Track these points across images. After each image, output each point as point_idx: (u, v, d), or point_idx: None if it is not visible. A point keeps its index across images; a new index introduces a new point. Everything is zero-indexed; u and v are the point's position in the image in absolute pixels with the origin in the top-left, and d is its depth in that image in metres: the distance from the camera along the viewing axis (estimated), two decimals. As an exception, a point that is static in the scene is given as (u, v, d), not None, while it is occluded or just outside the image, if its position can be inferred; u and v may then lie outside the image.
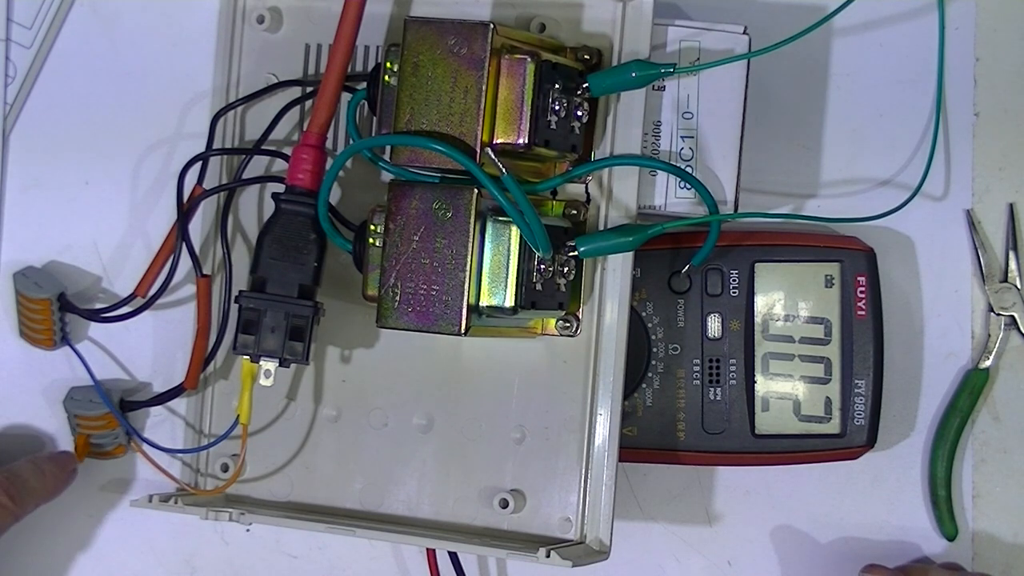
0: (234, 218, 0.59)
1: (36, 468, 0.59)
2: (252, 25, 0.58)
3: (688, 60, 0.55)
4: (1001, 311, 0.58)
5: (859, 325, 0.56)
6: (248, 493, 0.58)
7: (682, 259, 0.57)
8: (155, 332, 0.63)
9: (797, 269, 0.57)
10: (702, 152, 0.55)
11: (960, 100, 0.59)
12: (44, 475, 0.59)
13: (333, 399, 0.57)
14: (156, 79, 0.63)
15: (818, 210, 0.60)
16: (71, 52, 0.64)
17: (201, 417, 0.59)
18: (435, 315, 0.49)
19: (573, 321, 0.54)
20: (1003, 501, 0.59)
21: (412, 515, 0.56)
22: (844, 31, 0.60)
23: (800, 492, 0.59)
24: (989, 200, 0.59)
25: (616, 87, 0.52)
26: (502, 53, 0.50)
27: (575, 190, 0.55)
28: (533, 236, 0.50)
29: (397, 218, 0.50)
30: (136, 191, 0.63)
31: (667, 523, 0.60)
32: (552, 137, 0.51)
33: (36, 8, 0.64)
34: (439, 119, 0.50)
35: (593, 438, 0.54)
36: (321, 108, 0.54)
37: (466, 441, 0.56)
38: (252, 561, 0.63)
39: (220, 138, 0.59)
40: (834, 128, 0.60)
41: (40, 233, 0.64)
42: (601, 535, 0.53)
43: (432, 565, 0.57)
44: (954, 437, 0.58)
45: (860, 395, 0.56)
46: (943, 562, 0.58)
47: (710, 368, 0.57)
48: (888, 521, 0.59)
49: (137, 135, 0.63)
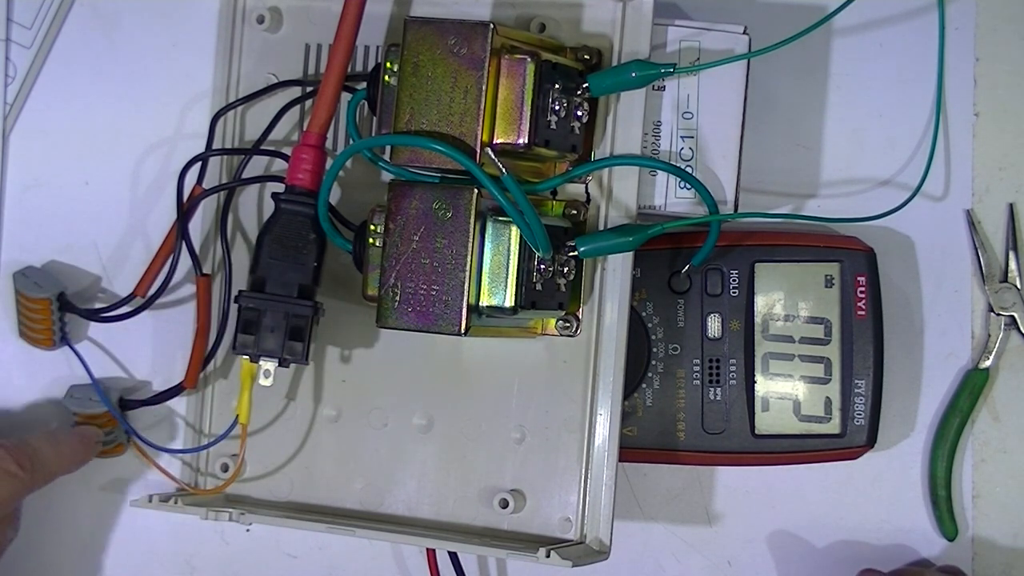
0: (234, 218, 0.59)
1: (51, 439, 0.58)
2: (252, 25, 0.59)
3: (688, 60, 0.55)
4: (1001, 311, 0.58)
5: (859, 325, 0.56)
6: (248, 493, 0.58)
7: (682, 259, 0.57)
8: (155, 332, 0.63)
9: (797, 269, 0.57)
10: (702, 152, 0.55)
11: (960, 100, 0.59)
12: (59, 445, 0.58)
13: (333, 399, 0.57)
14: (156, 79, 0.63)
15: (818, 210, 0.60)
16: (71, 52, 0.64)
17: (201, 417, 0.59)
18: (435, 315, 0.49)
19: (573, 321, 0.54)
20: (1003, 501, 0.59)
21: (412, 515, 0.56)
22: (844, 31, 0.60)
23: (800, 492, 0.59)
24: (989, 200, 0.59)
25: (616, 87, 0.52)
26: (502, 53, 0.50)
27: (575, 190, 0.55)
28: (533, 236, 0.50)
29: (397, 218, 0.50)
30: (136, 191, 0.63)
31: (667, 523, 0.60)
32: (552, 137, 0.51)
33: (36, 8, 0.64)
34: (439, 119, 0.50)
35: (593, 438, 0.54)
36: (321, 108, 0.54)
37: (466, 441, 0.56)
38: (252, 561, 0.63)
39: (220, 138, 0.59)
40: (834, 128, 0.60)
41: (40, 233, 0.64)
42: (601, 535, 0.53)
43: (432, 565, 0.57)
44: (954, 437, 0.58)
45: (860, 395, 0.56)
46: (941, 564, 0.58)
47: (710, 368, 0.57)
48: (888, 521, 0.59)
49: (137, 135, 0.63)
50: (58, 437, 0.58)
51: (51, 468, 0.57)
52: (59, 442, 0.58)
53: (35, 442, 0.57)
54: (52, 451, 0.57)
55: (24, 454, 0.56)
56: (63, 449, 0.58)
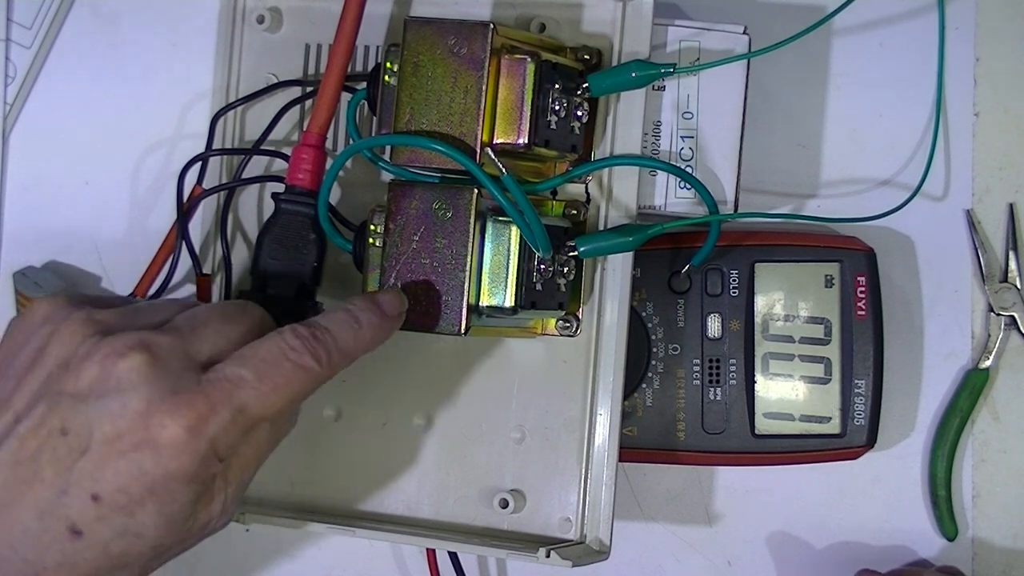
0: (234, 218, 0.59)
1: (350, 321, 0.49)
2: (252, 25, 0.59)
3: (688, 60, 0.55)
4: (1001, 311, 0.58)
5: (859, 325, 0.56)
6: (248, 493, 0.58)
7: (682, 259, 0.57)
8: (155, 332, 0.63)
9: (797, 269, 0.57)
10: (702, 152, 0.55)
11: (960, 100, 0.59)
12: (359, 328, 0.49)
13: (333, 399, 0.57)
14: (156, 79, 0.63)
15: (818, 210, 0.60)
16: (71, 52, 0.64)
17: (201, 417, 0.59)
18: (435, 315, 0.50)
19: (573, 321, 0.54)
20: (1003, 501, 0.59)
21: (412, 515, 0.56)
22: (844, 31, 0.60)
23: (800, 492, 0.59)
24: (989, 200, 0.59)
25: (616, 87, 0.52)
26: (502, 53, 0.50)
27: (575, 190, 0.55)
28: (533, 236, 0.50)
29: (397, 218, 0.50)
30: (136, 191, 0.63)
31: (667, 523, 0.60)
32: (552, 137, 0.51)
33: (36, 8, 0.64)
34: (439, 119, 0.50)
35: (593, 438, 0.54)
36: (321, 108, 0.54)
37: (466, 441, 0.56)
38: (252, 561, 0.63)
39: (220, 138, 0.59)
40: (834, 128, 0.60)
41: (40, 233, 0.64)
42: (601, 535, 0.53)
43: (432, 565, 0.57)
44: (954, 437, 0.58)
45: (860, 395, 0.56)
46: (941, 565, 0.58)
47: (710, 368, 0.57)
48: (888, 521, 0.59)
49: (137, 135, 0.63)
50: (359, 318, 0.49)
51: (349, 354, 0.49)
52: (359, 324, 0.49)
53: (334, 326, 0.49)
54: (351, 336, 0.49)
55: (321, 345, 0.48)
56: (363, 333, 0.49)
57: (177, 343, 0.45)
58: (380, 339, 0.50)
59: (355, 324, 0.49)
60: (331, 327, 0.48)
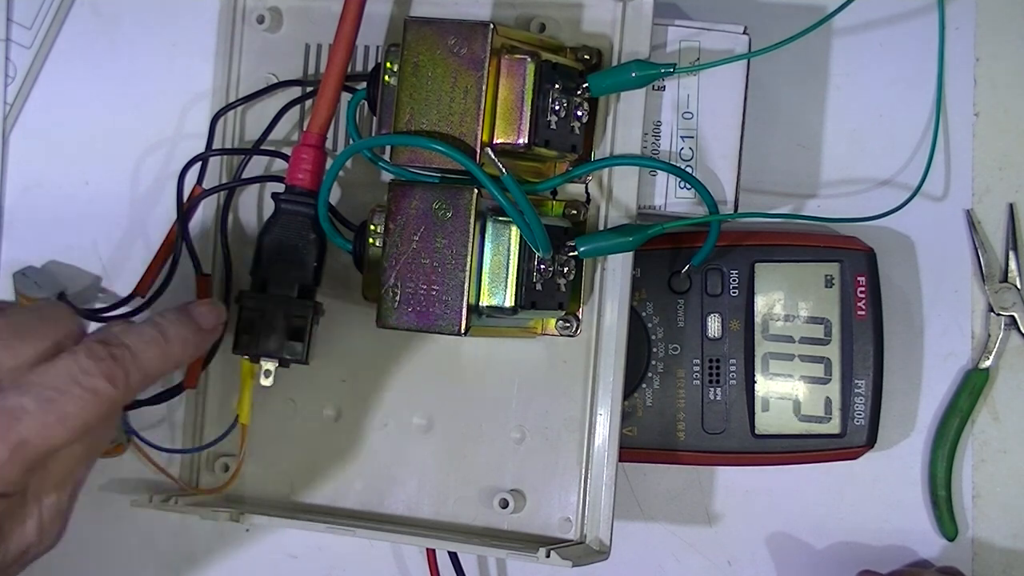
0: (234, 218, 0.59)
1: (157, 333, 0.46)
2: (252, 25, 0.59)
3: (688, 60, 0.55)
4: (1001, 311, 0.58)
5: (859, 325, 0.56)
6: (248, 493, 0.58)
7: (682, 259, 0.57)
8: (155, 332, 0.62)
9: (797, 269, 0.57)
10: (702, 152, 0.55)
11: (960, 100, 0.59)
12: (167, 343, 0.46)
13: (333, 399, 0.57)
14: (156, 79, 0.63)
15: (818, 210, 0.60)
16: (71, 52, 0.64)
17: (201, 417, 0.59)
18: (435, 315, 0.49)
19: (573, 321, 0.54)
20: (1003, 501, 0.59)
21: (412, 515, 0.56)
22: (844, 31, 0.60)
23: (800, 492, 0.59)
24: (989, 200, 0.59)
25: (616, 87, 0.52)
26: (502, 53, 0.50)
27: (575, 190, 0.55)
28: (533, 236, 0.50)
29: (397, 218, 0.50)
30: (136, 191, 0.63)
31: (667, 523, 0.60)
32: (552, 137, 0.51)
33: (36, 8, 0.64)
34: (439, 119, 0.50)
35: (593, 438, 0.54)
36: (321, 108, 0.54)
37: (466, 441, 0.56)
38: (252, 561, 0.63)
39: (220, 138, 0.59)
40: (834, 128, 0.60)
41: (40, 233, 0.64)
42: (601, 535, 0.53)
43: (432, 565, 0.57)
44: (954, 437, 0.58)
45: (860, 395, 0.56)
46: (941, 565, 0.58)
47: (710, 368, 0.57)
48: (888, 521, 0.59)
49: (137, 135, 0.63)
50: (167, 332, 0.46)
51: (152, 372, 0.45)
52: (167, 339, 0.46)
53: (136, 343, 0.45)
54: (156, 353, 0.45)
55: (119, 365, 0.44)
56: (172, 348, 0.46)
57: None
58: (194, 354, 0.48)
59: (162, 340, 0.46)
60: (133, 344, 0.44)
